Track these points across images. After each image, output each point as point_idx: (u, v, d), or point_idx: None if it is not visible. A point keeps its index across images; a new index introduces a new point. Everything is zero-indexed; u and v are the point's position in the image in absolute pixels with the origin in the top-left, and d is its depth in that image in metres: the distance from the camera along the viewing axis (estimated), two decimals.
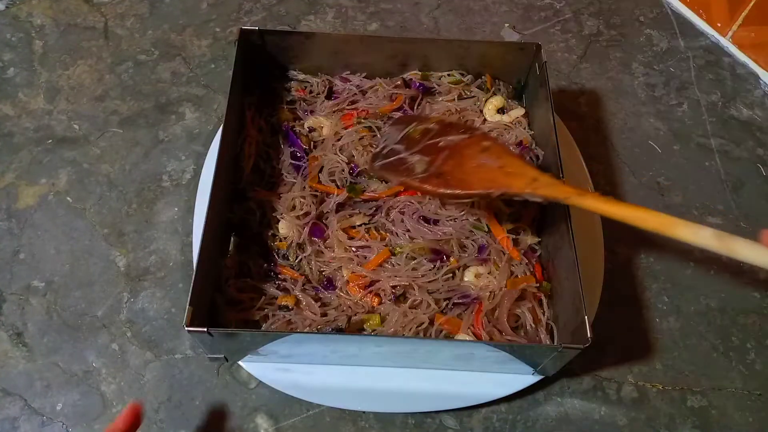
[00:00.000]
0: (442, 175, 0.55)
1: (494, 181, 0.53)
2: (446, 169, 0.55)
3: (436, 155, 0.56)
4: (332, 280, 0.68)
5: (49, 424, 0.65)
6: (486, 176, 0.53)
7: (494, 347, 0.57)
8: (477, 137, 0.56)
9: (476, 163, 0.54)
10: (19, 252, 0.75)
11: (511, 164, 0.53)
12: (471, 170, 0.54)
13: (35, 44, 0.94)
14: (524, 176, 0.52)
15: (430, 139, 0.57)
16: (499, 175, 0.53)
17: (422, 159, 0.56)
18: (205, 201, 0.63)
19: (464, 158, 0.54)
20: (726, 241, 0.41)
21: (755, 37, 0.94)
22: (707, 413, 0.68)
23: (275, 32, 0.77)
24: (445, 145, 0.56)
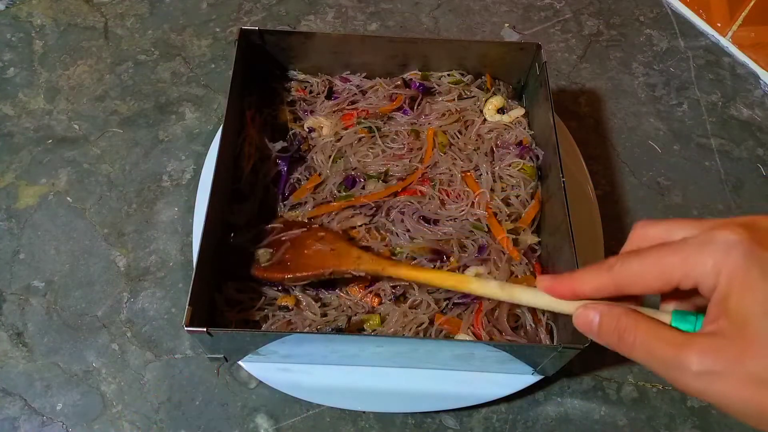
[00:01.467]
0: (282, 262, 0.66)
1: (326, 262, 0.65)
2: (287, 257, 0.66)
3: (278, 247, 0.67)
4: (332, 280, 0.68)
5: (49, 424, 0.65)
6: (320, 259, 0.65)
7: (494, 347, 0.57)
8: (314, 230, 0.68)
9: (312, 250, 0.66)
10: (19, 252, 0.75)
11: (340, 248, 0.66)
12: (308, 256, 0.66)
13: (35, 44, 0.94)
14: (350, 256, 0.64)
15: (275, 234, 0.69)
16: (330, 257, 0.65)
17: (266, 251, 0.67)
18: (205, 201, 0.63)
19: (303, 247, 0.66)
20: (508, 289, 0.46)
21: (755, 37, 0.94)
22: (707, 413, 0.68)
23: (275, 32, 0.77)
24: (287, 238, 0.68)
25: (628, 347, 0.36)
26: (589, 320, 0.39)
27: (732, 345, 0.32)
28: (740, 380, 0.32)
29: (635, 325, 0.36)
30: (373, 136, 0.78)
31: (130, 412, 0.66)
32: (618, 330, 0.37)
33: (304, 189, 0.73)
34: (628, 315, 0.37)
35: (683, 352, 0.33)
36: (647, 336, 0.35)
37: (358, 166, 0.75)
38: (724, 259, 0.33)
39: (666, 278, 0.35)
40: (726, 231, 0.33)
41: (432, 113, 0.80)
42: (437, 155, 0.76)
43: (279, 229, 0.69)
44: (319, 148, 0.77)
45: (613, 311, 0.38)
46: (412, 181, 0.74)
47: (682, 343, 0.33)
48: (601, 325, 0.38)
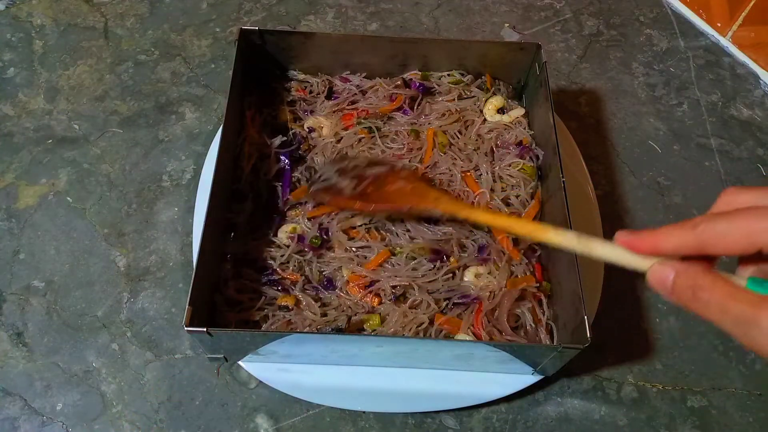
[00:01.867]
0: (365, 195, 0.68)
1: (407, 199, 0.67)
2: (369, 191, 0.68)
3: (361, 181, 0.69)
4: (332, 280, 0.68)
5: (49, 424, 0.65)
6: (400, 196, 0.67)
7: (494, 347, 0.57)
8: (397, 170, 0.70)
9: (394, 188, 0.68)
10: (19, 252, 0.75)
11: (420, 187, 0.67)
12: (389, 192, 0.68)
13: (35, 44, 0.94)
14: (429, 196, 0.66)
15: (359, 170, 0.71)
16: (410, 195, 0.67)
17: (350, 183, 0.69)
18: (205, 201, 0.63)
19: (385, 184, 0.68)
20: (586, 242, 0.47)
21: (755, 37, 0.94)
22: (707, 413, 0.68)
23: (275, 32, 0.77)
24: (371, 174, 0.70)
25: (703, 305, 0.37)
26: (665, 276, 0.39)
27: None
28: None
29: (712, 283, 0.37)
30: (373, 137, 0.78)
31: (130, 412, 0.66)
32: (693, 287, 0.37)
33: (304, 189, 0.73)
34: (706, 274, 0.37)
35: (761, 310, 0.33)
36: (723, 295, 0.36)
37: None
38: None
39: (751, 240, 0.36)
40: None
41: (432, 113, 0.80)
42: (437, 155, 0.76)
43: (363, 166, 0.71)
44: (320, 149, 0.77)
45: (690, 269, 0.38)
46: None
47: (760, 303, 0.34)
48: (675, 282, 0.39)
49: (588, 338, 0.55)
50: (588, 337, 0.55)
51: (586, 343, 0.55)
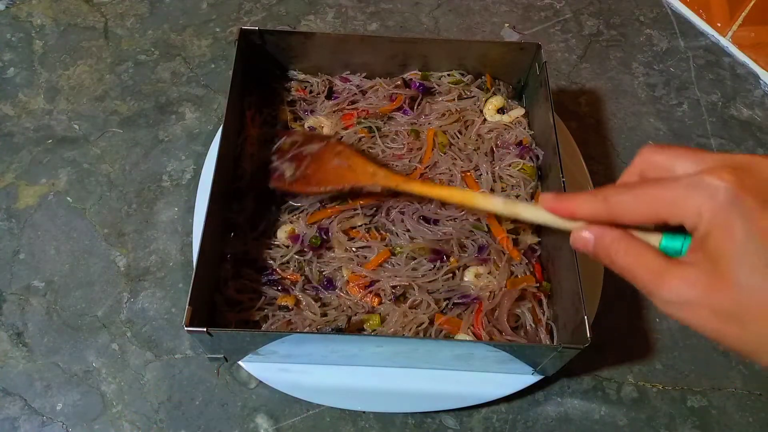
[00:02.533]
0: (305, 177, 0.70)
1: (344, 177, 0.69)
2: (309, 172, 0.70)
3: (300, 162, 0.71)
4: (332, 280, 0.68)
5: (49, 424, 0.65)
6: (339, 175, 0.69)
7: (494, 347, 0.57)
8: (331, 145, 0.72)
9: (331, 165, 0.70)
10: (19, 252, 0.75)
11: (356, 163, 0.69)
12: (328, 171, 0.70)
13: (35, 44, 0.94)
14: (366, 172, 0.68)
15: (296, 149, 0.72)
16: (347, 173, 0.69)
17: (290, 165, 0.71)
18: (205, 201, 0.63)
19: (322, 162, 0.71)
20: (511, 206, 0.50)
21: (755, 37, 0.94)
22: (707, 413, 0.68)
23: (275, 32, 0.77)
24: (307, 153, 0.72)
25: (618, 269, 0.40)
26: (585, 240, 0.42)
27: (704, 278, 0.35)
28: (706, 312, 0.35)
29: (625, 249, 0.39)
30: (372, 136, 0.78)
31: (130, 412, 0.66)
32: (610, 253, 0.40)
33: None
34: (620, 240, 0.40)
35: (661, 280, 0.37)
36: (633, 261, 0.39)
37: None
38: (707, 202, 0.36)
39: (654, 214, 0.38)
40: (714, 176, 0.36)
41: (432, 113, 0.80)
42: (437, 155, 0.76)
43: (299, 143, 0.73)
44: None
45: (607, 235, 0.41)
46: None
47: (662, 271, 0.37)
48: (595, 246, 0.42)
49: (588, 338, 0.55)
50: (588, 337, 0.55)
51: (586, 343, 0.55)
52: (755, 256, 0.34)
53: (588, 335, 0.56)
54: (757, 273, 0.34)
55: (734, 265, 0.34)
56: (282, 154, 0.73)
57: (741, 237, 0.34)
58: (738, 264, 0.34)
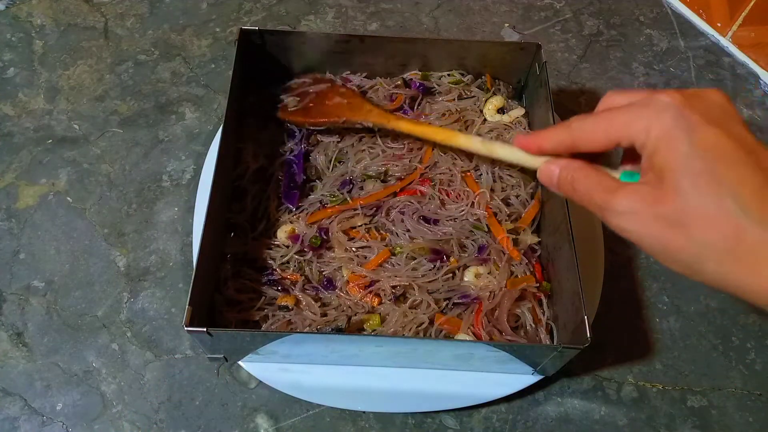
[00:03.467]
0: (307, 109, 0.77)
1: (342, 112, 0.74)
2: (311, 105, 0.77)
3: (305, 97, 0.78)
4: (332, 280, 0.68)
5: (49, 424, 0.65)
6: (337, 110, 0.75)
7: (494, 347, 0.57)
8: (336, 86, 0.78)
9: (332, 102, 0.76)
10: (19, 252, 0.75)
11: (355, 102, 0.75)
12: (328, 106, 0.76)
13: (35, 44, 0.94)
14: (362, 109, 0.74)
15: (304, 87, 0.79)
16: (345, 109, 0.74)
17: (294, 99, 0.78)
18: (205, 201, 0.63)
19: (325, 98, 0.77)
20: (488, 145, 0.55)
21: (755, 37, 0.94)
22: (707, 413, 0.68)
23: (275, 32, 0.77)
24: (313, 90, 0.79)
25: (578, 196, 0.43)
26: (551, 172, 0.45)
27: (652, 191, 0.38)
28: (652, 219, 0.37)
29: (585, 175, 0.43)
30: (373, 136, 0.78)
31: (130, 412, 0.66)
32: (572, 181, 0.43)
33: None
34: (581, 168, 0.43)
35: (613, 195, 0.40)
36: (591, 184, 0.42)
37: (358, 167, 0.75)
38: (655, 119, 0.38)
39: (610, 136, 0.41)
40: (663, 95, 0.39)
41: (432, 113, 0.80)
42: (437, 155, 0.76)
43: (308, 83, 0.80)
44: (322, 147, 0.77)
45: (571, 165, 0.44)
46: (411, 181, 0.74)
47: (614, 189, 0.40)
48: (559, 177, 0.44)
49: (588, 338, 0.55)
50: (588, 337, 0.55)
51: (586, 343, 0.55)
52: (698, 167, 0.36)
53: (588, 335, 0.56)
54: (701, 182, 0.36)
55: (678, 175, 0.36)
56: (290, 91, 0.79)
57: (685, 150, 0.36)
58: (681, 175, 0.36)
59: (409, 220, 0.71)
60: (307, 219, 0.71)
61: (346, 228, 0.71)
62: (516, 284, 0.67)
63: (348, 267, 0.68)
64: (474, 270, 0.69)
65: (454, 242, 0.70)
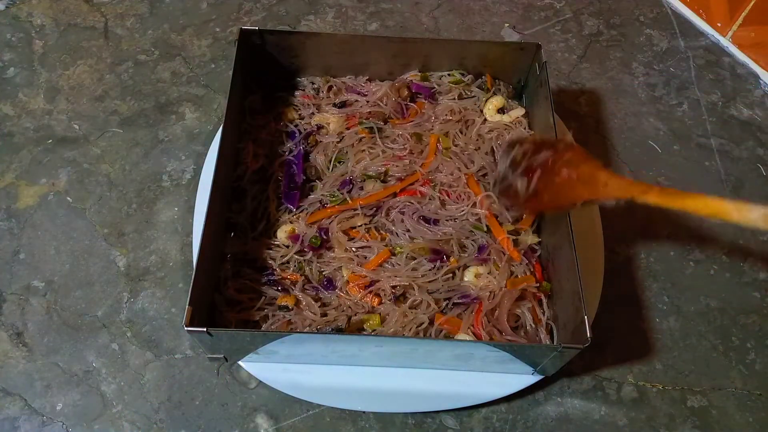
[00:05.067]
0: (537, 193, 0.64)
1: (576, 193, 0.62)
2: (540, 187, 0.64)
3: (532, 175, 0.64)
4: (332, 280, 0.68)
5: (49, 424, 0.65)
6: (569, 190, 0.62)
7: (494, 347, 0.57)
8: (560, 153, 0.64)
9: (561, 179, 0.62)
10: (19, 252, 0.75)
11: (585, 174, 0.61)
12: (558, 186, 0.63)
13: (35, 44, 0.94)
14: (597, 183, 0.60)
15: (527, 159, 0.65)
16: (578, 186, 0.61)
17: (523, 180, 0.65)
18: (205, 201, 0.63)
19: (552, 174, 0.63)
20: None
21: (755, 37, 0.94)
22: (707, 413, 0.68)
23: (275, 32, 0.77)
24: (537, 164, 0.64)
25: None
26: None
27: None
28: None
29: None
30: (373, 137, 0.77)
31: (130, 412, 0.66)
32: None
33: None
34: None
35: None
36: None
37: (358, 167, 0.75)
38: None
39: None
40: None
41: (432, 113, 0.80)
42: (440, 159, 0.76)
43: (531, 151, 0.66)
44: (321, 147, 0.77)
45: None
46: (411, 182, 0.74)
47: None
48: None
49: (588, 338, 0.55)
50: (588, 337, 0.55)
51: (586, 343, 0.55)
52: None
53: (588, 335, 0.56)
54: None
55: None
56: (515, 166, 0.66)
57: None
58: None
59: (409, 220, 0.71)
60: (307, 219, 0.71)
61: (346, 228, 0.71)
62: (516, 284, 0.67)
63: (348, 267, 0.68)
64: (474, 270, 0.69)
65: (454, 242, 0.70)
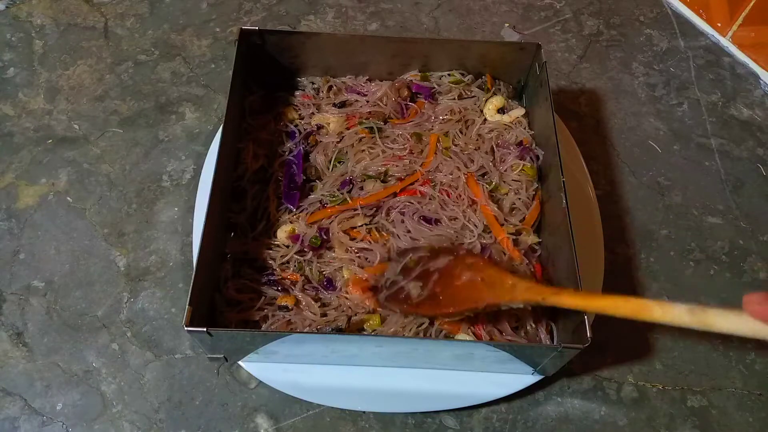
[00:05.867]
0: (434, 296, 0.62)
1: (479, 295, 0.60)
2: (437, 290, 0.62)
3: (428, 279, 0.63)
4: (332, 281, 0.68)
5: (49, 424, 0.65)
6: (471, 292, 0.60)
7: (494, 347, 0.57)
8: (461, 257, 0.63)
9: (462, 282, 0.61)
10: (19, 252, 0.75)
11: (491, 276, 0.60)
12: (459, 288, 0.61)
13: (35, 44, 0.94)
14: (503, 286, 0.59)
15: (423, 265, 0.64)
16: (482, 289, 0.60)
17: (416, 284, 0.63)
18: (205, 201, 0.63)
19: (452, 278, 0.62)
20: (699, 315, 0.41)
21: (755, 37, 0.94)
22: (707, 413, 0.68)
23: (275, 32, 0.77)
24: (435, 269, 0.63)
25: None
26: None
27: None
28: None
29: None
30: (373, 137, 0.77)
31: (130, 412, 0.66)
32: None
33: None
34: None
35: None
36: None
37: (358, 167, 0.75)
38: None
39: None
40: None
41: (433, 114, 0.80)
42: (440, 158, 0.76)
43: (426, 258, 0.65)
44: (321, 147, 0.77)
45: None
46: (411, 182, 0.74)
47: None
48: None
49: (588, 338, 0.55)
50: (588, 337, 0.55)
51: (586, 343, 0.55)
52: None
53: (588, 335, 0.55)
54: None
55: None
56: (408, 273, 0.64)
57: None
58: None
59: (409, 220, 0.71)
60: (307, 219, 0.71)
61: (347, 228, 0.71)
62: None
63: (348, 267, 0.68)
64: None
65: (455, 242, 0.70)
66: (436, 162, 0.76)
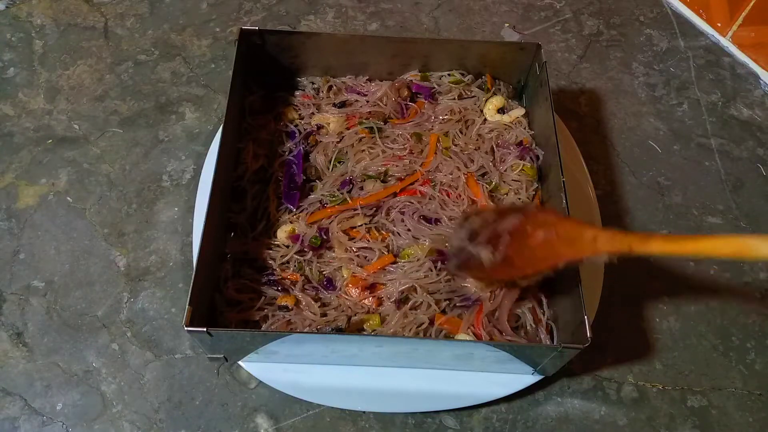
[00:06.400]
0: (508, 259, 0.58)
1: (557, 253, 0.55)
2: (510, 252, 0.58)
3: (498, 242, 0.58)
4: (332, 280, 0.68)
5: (49, 424, 0.65)
6: (548, 251, 0.56)
7: (494, 347, 0.57)
8: (531, 215, 0.59)
9: (537, 241, 0.56)
10: (19, 252, 0.75)
11: (568, 231, 0.55)
12: (534, 249, 0.56)
13: (35, 44, 0.94)
14: (583, 239, 0.54)
15: (490, 227, 0.60)
16: (560, 246, 0.55)
17: (487, 249, 0.59)
18: (205, 201, 0.63)
19: (525, 238, 0.57)
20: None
21: (755, 37, 0.94)
22: (707, 413, 0.68)
23: (275, 32, 0.77)
24: (505, 230, 0.58)
25: None
26: None
27: None
28: None
29: None
30: (373, 137, 0.77)
31: (130, 412, 0.66)
32: None
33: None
34: None
35: None
36: None
37: (358, 167, 0.75)
38: None
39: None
40: None
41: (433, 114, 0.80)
42: (440, 158, 0.76)
43: (492, 219, 0.60)
44: (321, 147, 0.77)
45: None
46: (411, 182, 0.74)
47: None
48: None
49: (588, 338, 0.55)
50: (588, 337, 0.55)
51: (586, 343, 0.55)
52: None
53: (588, 335, 0.56)
54: None
55: None
56: (474, 237, 0.60)
57: None
58: None
59: (409, 220, 0.71)
60: (307, 219, 0.71)
61: (347, 228, 0.71)
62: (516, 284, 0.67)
63: (348, 267, 0.68)
64: None
65: None
66: (436, 162, 0.76)
